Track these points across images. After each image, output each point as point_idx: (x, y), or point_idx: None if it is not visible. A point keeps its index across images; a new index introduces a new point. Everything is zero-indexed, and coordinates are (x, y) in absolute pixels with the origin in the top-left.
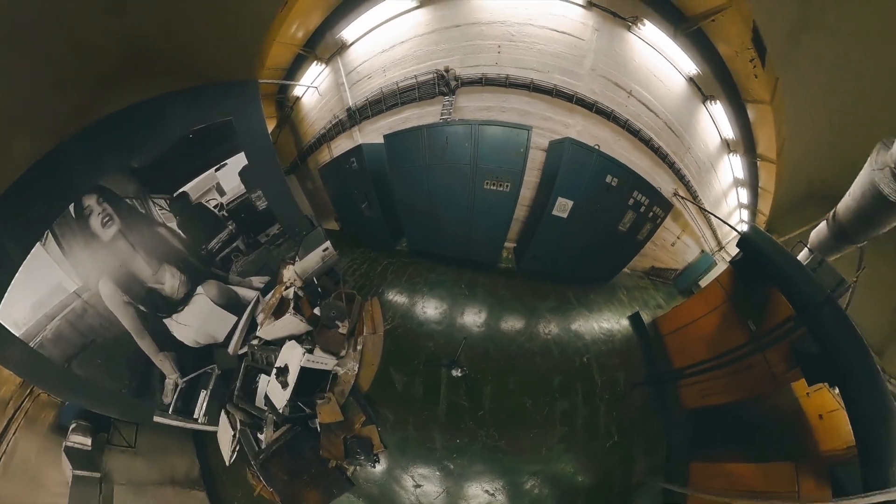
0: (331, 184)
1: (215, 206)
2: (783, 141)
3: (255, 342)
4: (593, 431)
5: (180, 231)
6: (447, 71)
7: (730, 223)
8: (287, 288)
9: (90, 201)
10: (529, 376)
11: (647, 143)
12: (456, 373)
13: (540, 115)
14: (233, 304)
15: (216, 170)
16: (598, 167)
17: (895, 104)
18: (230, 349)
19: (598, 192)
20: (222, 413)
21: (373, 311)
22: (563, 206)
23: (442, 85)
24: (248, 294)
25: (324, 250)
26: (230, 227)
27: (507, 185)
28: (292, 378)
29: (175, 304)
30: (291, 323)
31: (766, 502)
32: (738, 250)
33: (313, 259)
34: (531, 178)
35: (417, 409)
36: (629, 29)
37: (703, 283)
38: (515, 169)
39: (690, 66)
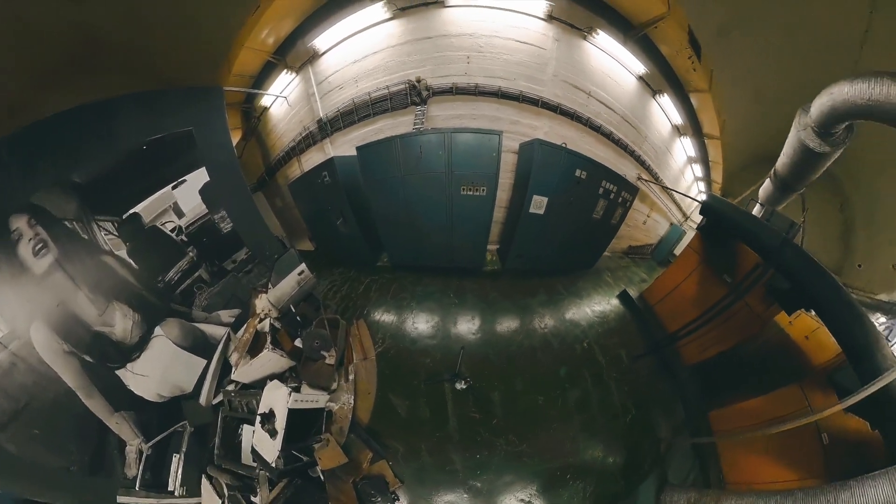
0: (302, 200)
1: (173, 230)
2: (723, 120)
3: (231, 388)
4: (611, 411)
5: (131, 260)
6: (419, 81)
7: (690, 195)
8: (261, 320)
9: (19, 223)
10: (535, 373)
11: (609, 136)
12: (460, 385)
13: (509, 119)
14: (200, 346)
15: (173, 187)
16: (567, 163)
17: (806, 81)
18: (202, 400)
19: (570, 186)
20: (203, 480)
21: (360, 335)
22: (539, 204)
23: (414, 95)
24: (216, 331)
25: (299, 274)
26: (191, 253)
27: (483, 190)
28: (281, 424)
29: (129, 351)
30: (271, 360)
31: (788, 424)
32: (701, 217)
33: (288, 285)
34: (505, 180)
35: (427, 432)
36: (585, 38)
37: (678, 251)
38: (490, 173)
39: (639, 67)
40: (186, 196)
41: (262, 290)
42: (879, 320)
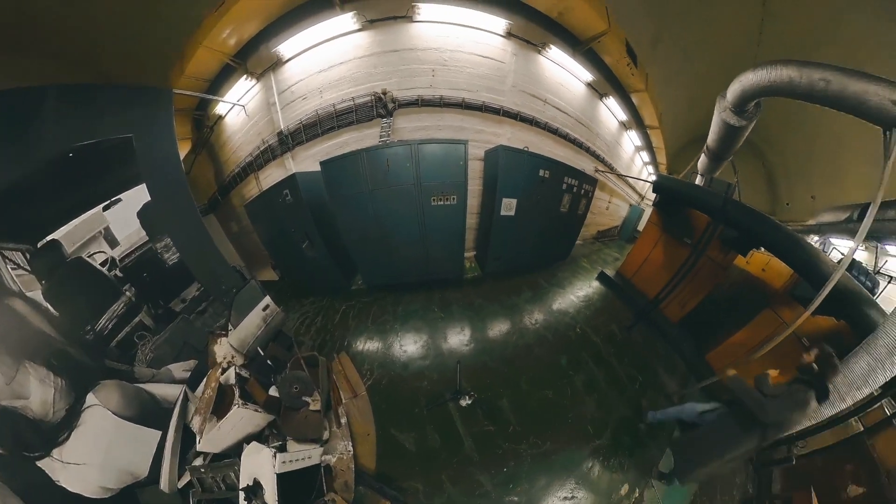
0: (262, 223)
1: (103, 263)
2: (660, 113)
3: (199, 462)
4: (619, 384)
5: (49, 304)
6: (384, 93)
7: (642, 178)
8: (224, 371)
9: None
10: (537, 369)
11: (566, 137)
12: (465, 402)
13: (473, 128)
14: (149, 413)
15: (105, 208)
16: (531, 165)
17: (720, 74)
18: (163, 485)
19: (536, 186)
20: None
21: (345, 370)
22: (509, 206)
23: (380, 107)
24: (169, 392)
25: (264, 309)
26: (127, 293)
27: (453, 198)
28: (271, 496)
29: (53, 432)
30: (244, 418)
31: (773, 342)
32: (655, 194)
33: (252, 323)
34: (474, 186)
35: (444, 460)
36: (539, 52)
37: (641, 227)
38: (459, 181)
39: (587, 75)
40: (121, 219)
41: (220, 333)
42: (813, 240)
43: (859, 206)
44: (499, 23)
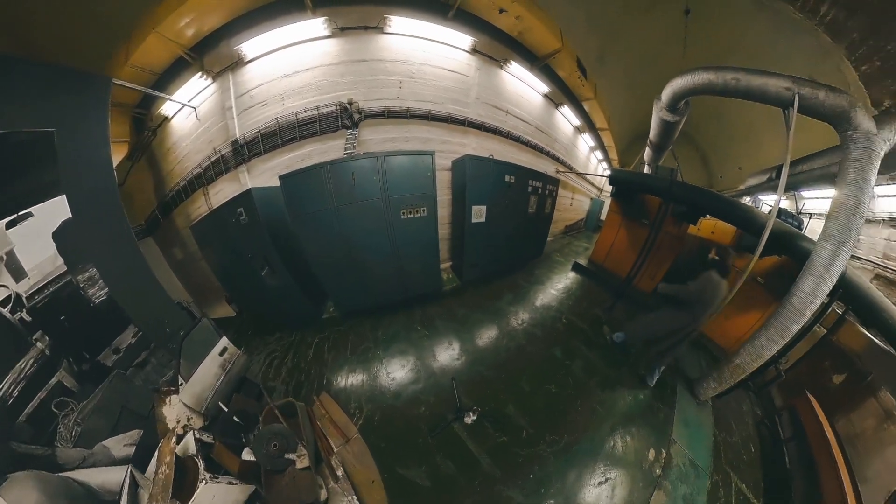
0: (212, 247)
1: (4, 302)
2: (608, 117)
3: None
4: (615, 359)
5: None
6: (350, 104)
7: (598, 174)
8: (180, 439)
9: None
10: (534, 367)
11: (527, 143)
12: (469, 418)
13: (439, 139)
14: None
15: (9, 225)
16: (497, 171)
17: (655, 82)
18: None
19: (503, 191)
20: None
21: (330, 414)
22: (479, 213)
23: (345, 118)
24: (108, 478)
25: (221, 353)
26: (39, 344)
27: (423, 210)
28: None
29: None
30: (216, 496)
31: (735, 289)
32: (611, 186)
33: (208, 373)
34: (444, 196)
35: (465, 487)
36: (501, 67)
37: (603, 217)
38: (427, 192)
39: (543, 87)
40: (30, 242)
41: (169, 390)
42: (746, 200)
43: (775, 167)
44: (465, 39)
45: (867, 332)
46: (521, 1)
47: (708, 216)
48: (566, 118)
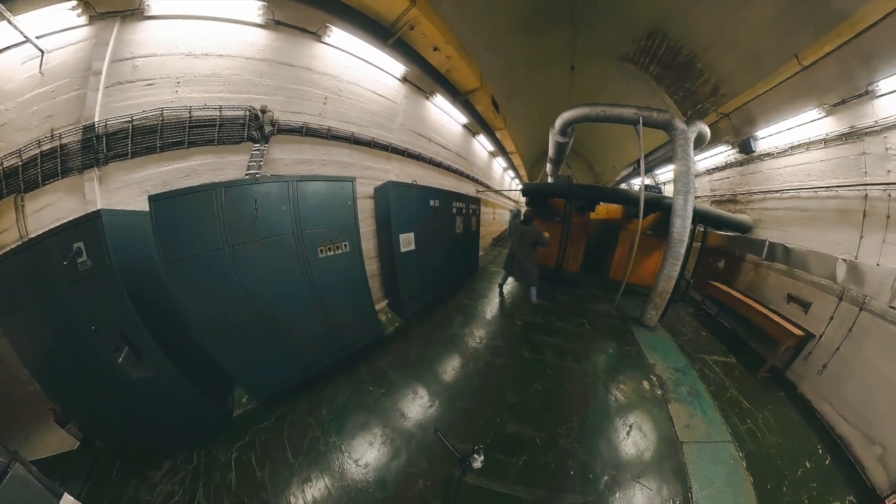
0: (23, 313)
1: None
2: (516, 143)
3: None
4: (575, 335)
5: None
6: (263, 112)
7: (513, 189)
8: None
9: None
10: (512, 376)
11: (448, 168)
12: (477, 462)
13: (361, 164)
14: None
15: None
16: (421, 196)
17: (550, 114)
18: None
19: (429, 215)
20: None
21: None
22: (407, 241)
23: (254, 128)
24: None
25: None
26: None
27: (345, 245)
28: None
29: None
30: None
31: (635, 247)
32: (525, 197)
33: None
34: (367, 227)
35: None
36: (427, 98)
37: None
38: (349, 224)
39: (463, 118)
40: None
41: None
42: (622, 185)
43: (635, 161)
44: (398, 68)
45: (720, 232)
46: (453, 44)
47: (601, 203)
48: (482, 145)
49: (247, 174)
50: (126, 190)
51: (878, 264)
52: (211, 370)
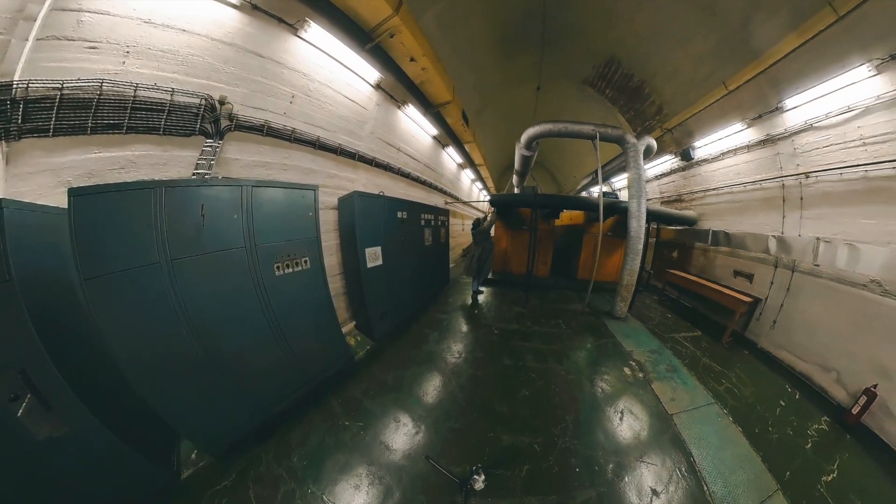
0: None
1: None
2: (484, 155)
3: None
4: (551, 336)
5: None
6: (222, 103)
7: (481, 200)
8: None
9: None
10: (497, 387)
11: (417, 179)
12: (479, 483)
13: (325, 172)
14: None
15: None
16: (388, 208)
17: (517, 130)
18: None
19: (397, 228)
20: None
21: None
22: (374, 255)
23: (209, 120)
24: None
25: None
26: None
27: (306, 261)
28: None
29: None
30: None
31: (597, 249)
32: (493, 208)
33: None
34: (330, 241)
35: None
36: (399, 107)
37: (493, 233)
38: (310, 237)
39: (433, 130)
40: None
41: None
42: (583, 193)
43: (594, 171)
44: (373, 74)
45: (671, 227)
46: (430, 56)
47: (565, 210)
48: (451, 157)
49: (194, 174)
50: (40, 177)
51: (799, 235)
52: (147, 420)
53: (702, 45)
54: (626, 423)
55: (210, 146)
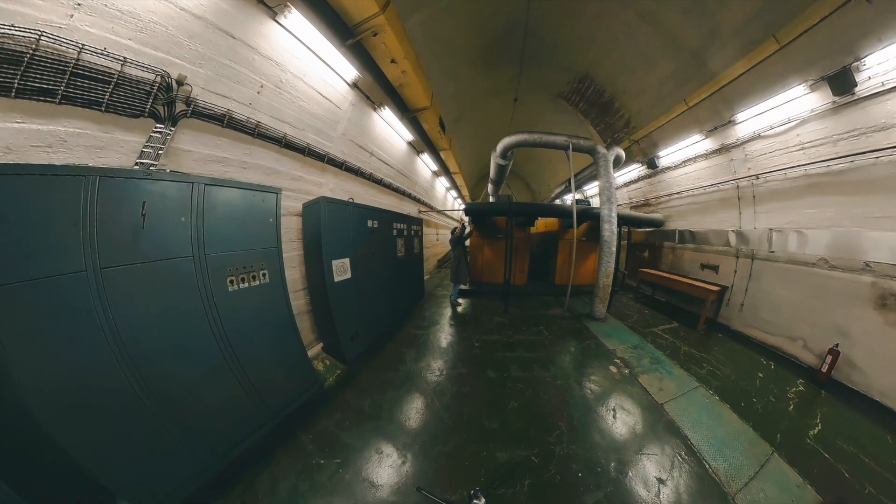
0: None
1: None
2: (459, 163)
3: None
4: (536, 344)
5: None
6: (180, 83)
7: (456, 209)
8: None
9: None
10: (484, 402)
11: (389, 186)
12: None
13: (290, 174)
14: None
15: None
16: (358, 216)
17: (492, 139)
18: None
19: (367, 238)
20: None
21: None
22: (342, 268)
23: (162, 100)
24: None
25: None
26: None
27: (264, 275)
28: None
29: None
30: None
31: (573, 253)
32: (468, 216)
33: None
34: (293, 251)
35: None
36: (374, 109)
37: (468, 243)
38: (269, 246)
39: (409, 135)
40: None
41: None
42: (557, 201)
43: (567, 179)
44: (351, 72)
45: (641, 230)
46: (411, 60)
47: (540, 217)
48: (426, 164)
49: (137, 163)
50: None
51: (755, 227)
52: (71, 478)
53: (666, 67)
54: (620, 419)
55: (160, 132)
